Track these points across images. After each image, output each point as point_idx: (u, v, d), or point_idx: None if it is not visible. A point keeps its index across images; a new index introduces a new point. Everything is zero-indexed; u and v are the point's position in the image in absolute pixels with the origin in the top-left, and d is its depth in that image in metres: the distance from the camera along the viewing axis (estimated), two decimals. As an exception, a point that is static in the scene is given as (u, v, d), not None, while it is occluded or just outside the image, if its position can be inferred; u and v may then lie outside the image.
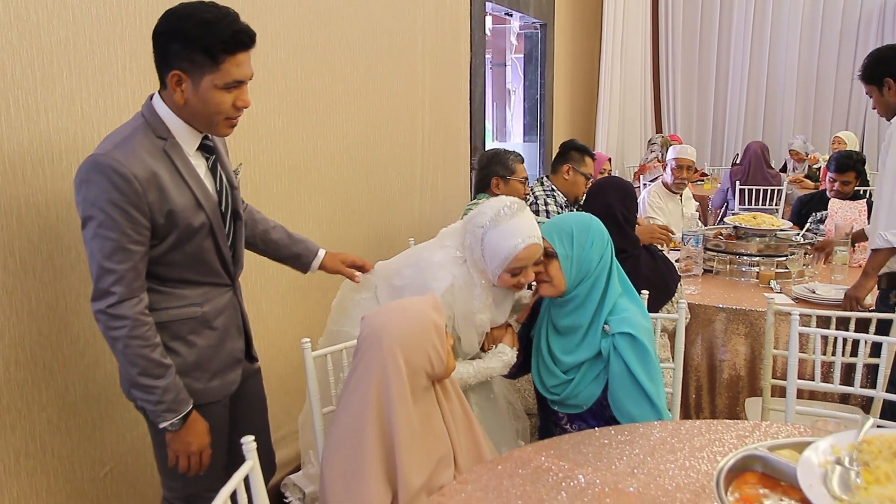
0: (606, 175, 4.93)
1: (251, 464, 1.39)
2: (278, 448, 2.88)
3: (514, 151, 3.36)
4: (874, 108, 2.87)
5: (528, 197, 3.58)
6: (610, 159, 5.24)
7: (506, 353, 2.17)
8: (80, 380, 2.07)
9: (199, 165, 1.81)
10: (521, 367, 2.28)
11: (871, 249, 2.71)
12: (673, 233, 3.48)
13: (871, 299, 2.88)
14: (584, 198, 2.94)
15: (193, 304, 1.82)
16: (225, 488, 1.31)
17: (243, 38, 1.70)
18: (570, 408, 2.07)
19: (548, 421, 2.17)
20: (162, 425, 1.74)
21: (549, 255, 2.03)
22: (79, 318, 2.05)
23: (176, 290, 1.79)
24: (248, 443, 1.40)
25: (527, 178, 3.44)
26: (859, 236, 3.53)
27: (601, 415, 2.04)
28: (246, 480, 1.41)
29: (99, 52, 2.06)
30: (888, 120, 2.79)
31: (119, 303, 1.63)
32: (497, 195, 3.15)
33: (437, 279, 2.11)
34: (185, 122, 1.75)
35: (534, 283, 2.22)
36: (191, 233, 1.76)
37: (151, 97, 1.76)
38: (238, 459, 1.54)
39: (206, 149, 1.84)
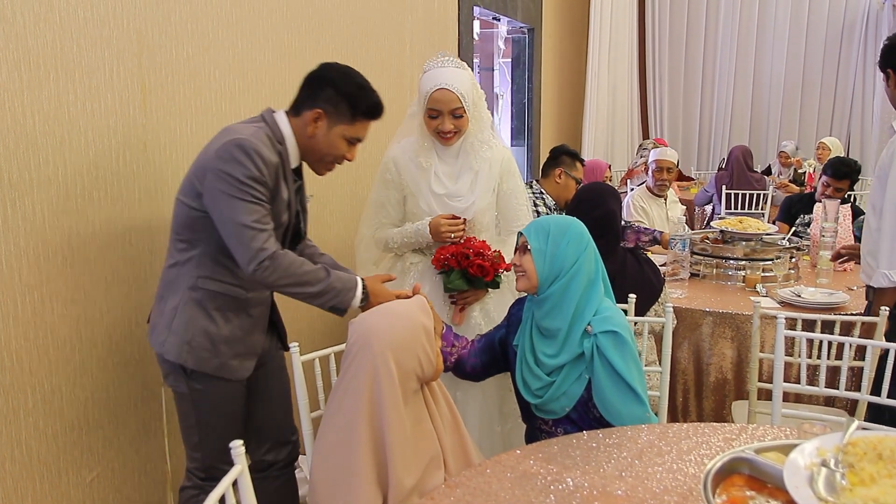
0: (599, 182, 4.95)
1: (239, 469, 1.38)
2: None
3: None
4: (890, 99, 2.72)
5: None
6: (610, 166, 5.23)
7: None
8: (66, 384, 2.06)
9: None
10: (485, 368, 2.27)
11: (875, 288, 2.61)
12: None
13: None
14: (573, 202, 2.95)
15: (242, 287, 2.02)
16: (213, 494, 1.30)
17: (379, 111, 2.07)
18: (552, 413, 2.08)
19: (533, 427, 2.18)
20: (356, 304, 2.02)
21: (525, 248, 2.09)
22: (65, 323, 2.04)
23: (237, 269, 1.96)
24: (237, 447, 1.39)
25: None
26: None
27: (586, 418, 2.04)
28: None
29: (86, 56, 2.05)
30: None
31: (273, 253, 1.88)
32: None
33: (387, 153, 2.57)
34: (298, 148, 2.04)
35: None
36: (277, 225, 1.99)
37: (272, 110, 2.02)
38: (258, 437, 2.17)
39: (297, 172, 2.10)
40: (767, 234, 3.74)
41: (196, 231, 1.96)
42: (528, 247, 2.07)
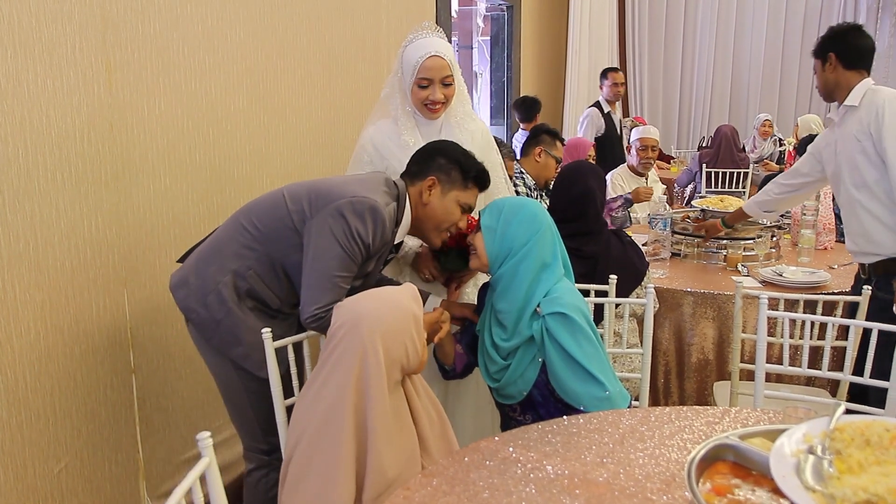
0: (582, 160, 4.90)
1: (207, 461, 1.33)
2: (230, 446, 2.77)
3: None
4: (817, 87, 2.81)
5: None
6: (594, 145, 5.16)
7: None
8: (31, 372, 1.99)
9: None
10: (467, 366, 2.26)
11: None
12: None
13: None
14: (553, 181, 2.91)
15: (279, 299, 2.05)
16: (179, 487, 1.25)
17: (487, 180, 2.18)
18: (510, 397, 2.05)
19: (505, 414, 2.15)
20: None
21: (479, 226, 2.07)
22: (29, 309, 1.97)
23: (287, 287, 2.04)
24: (204, 439, 1.34)
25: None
26: None
27: (550, 400, 2.01)
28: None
29: (46, 30, 1.97)
30: (825, 101, 2.77)
31: (330, 307, 1.86)
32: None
33: (361, 135, 2.47)
34: (412, 224, 2.13)
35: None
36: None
37: (406, 190, 2.11)
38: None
39: (395, 246, 2.21)
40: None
41: (277, 236, 1.99)
42: (481, 224, 2.06)
